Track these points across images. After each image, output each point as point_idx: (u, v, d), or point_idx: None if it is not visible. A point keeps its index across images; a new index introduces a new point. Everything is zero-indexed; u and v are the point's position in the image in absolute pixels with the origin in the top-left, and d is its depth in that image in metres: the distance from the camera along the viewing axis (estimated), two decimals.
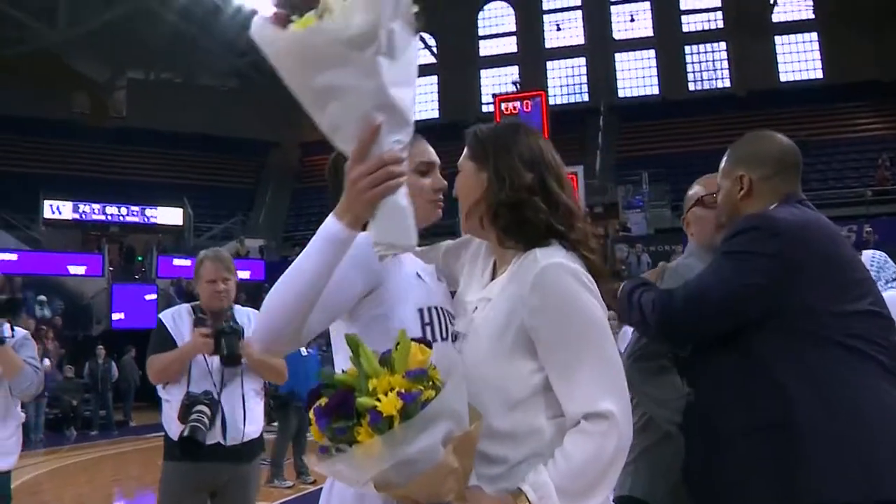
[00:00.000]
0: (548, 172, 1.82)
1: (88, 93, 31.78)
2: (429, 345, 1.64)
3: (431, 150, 2.08)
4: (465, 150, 1.90)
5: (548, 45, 34.68)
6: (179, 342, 3.83)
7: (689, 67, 33.30)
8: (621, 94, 33.40)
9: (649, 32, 33.79)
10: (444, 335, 1.93)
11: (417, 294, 1.91)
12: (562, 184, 1.84)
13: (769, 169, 2.29)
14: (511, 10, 35.20)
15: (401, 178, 1.61)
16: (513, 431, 1.72)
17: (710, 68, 33.15)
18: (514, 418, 1.72)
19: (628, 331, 3.16)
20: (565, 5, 34.70)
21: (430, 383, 1.57)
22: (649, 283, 2.40)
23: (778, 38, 32.31)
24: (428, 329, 1.90)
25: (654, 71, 33.59)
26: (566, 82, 34.31)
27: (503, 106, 20.33)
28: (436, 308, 1.96)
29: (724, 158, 2.40)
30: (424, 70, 35.75)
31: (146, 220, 26.35)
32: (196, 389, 3.75)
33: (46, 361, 16.60)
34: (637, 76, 33.79)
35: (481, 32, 35.52)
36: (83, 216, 25.35)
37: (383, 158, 1.57)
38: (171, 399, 3.81)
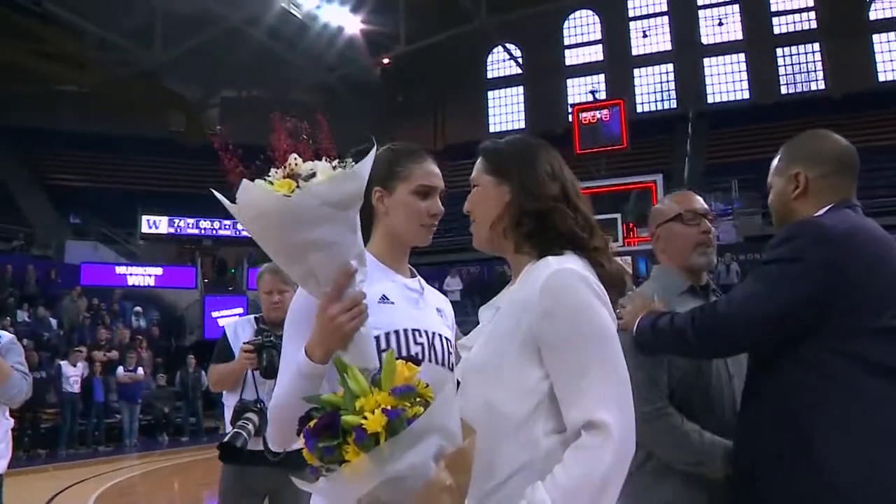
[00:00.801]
0: (569, 185, 1.86)
1: (183, 111, 32.94)
2: (417, 362, 1.65)
3: (438, 172, 2.11)
4: (480, 164, 1.92)
5: (634, 52, 34.21)
6: (237, 352, 3.96)
7: (782, 70, 32.29)
8: (710, 99, 32.68)
9: (739, 36, 32.95)
10: (417, 356, 1.92)
11: (375, 320, 1.88)
12: (580, 196, 1.87)
13: (828, 167, 2.20)
14: (596, 18, 34.86)
15: (366, 313, 1.79)
16: (512, 442, 1.71)
17: (803, 70, 32.10)
18: (516, 429, 1.71)
19: None
20: (651, 11, 34.17)
21: (418, 400, 1.58)
22: (666, 312, 2.34)
23: (875, 37, 30.94)
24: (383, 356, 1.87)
25: (745, 75, 32.72)
26: (653, 89, 33.79)
27: (581, 116, 20.04)
28: (403, 331, 1.97)
29: (778, 156, 2.32)
30: (510, 81, 35.91)
31: (238, 233, 27.04)
32: (249, 397, 3.87)
33: (140, 370, 17.28)
34: (726, 81, 32.99)
35: (567, 41, 35.27)
36: (178, 230, 26.26)
37: (356, 298, 1.77)
38: (228, 405, 3.99)
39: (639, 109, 32.96)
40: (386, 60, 31.56)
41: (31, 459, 14.85)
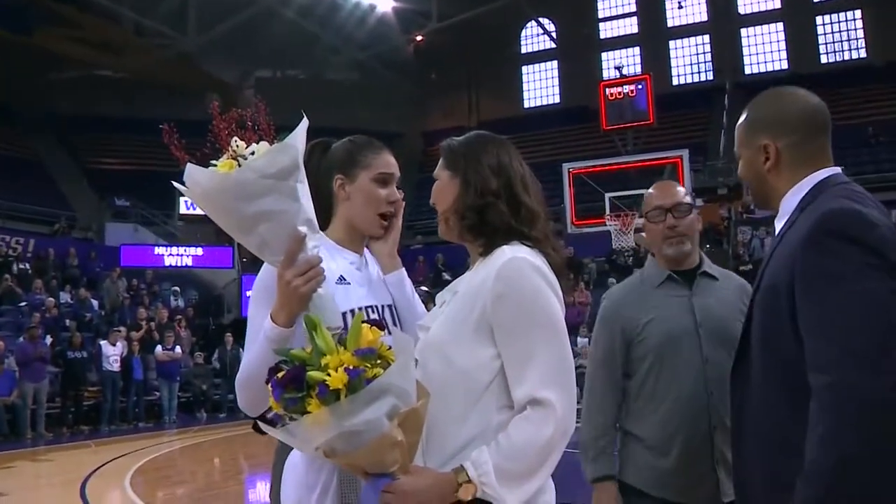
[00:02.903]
0: (514, 178, 1.95)
1: (219, 93, 33.20)
2: (381, 327, 1.76)
3: (394, 161, 2.25)
4: (441, 159, 2.04)
5: (669, 23, 33.64)
6: None
7: (821, 39, 31.55)
8: (747, 70, 32.03)
9: (776, 4, 32.23)
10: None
11: (336, 299, 2.00)
12: (527, 187, 1.97)
13: (799, 134, 1.94)
14: None
15: (322, 275, 1.90)
16: (466, 416, 1.82)
17: (843, 38, 31.38)
18: (470, 404, 1.82)
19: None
20: None
21: (379, 362, 1.68)
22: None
23: None
24: (349, 319, 1.96)
25: (783, 45, 32.01)
26: (689, 61, 33.30)
27: (608, 92, 19.84)
28: (359, 308, 2.05)
29: (741, 123, 2.07)
30: (544, 56, 35.60)
31: None
32: None
33: (178, 349, 17.64)
34: (764, 51, 32.34)
35: (601, 14, 34.75)
36: None
37: (311, 261, 1.88)
38: None
39: (674, 82, 32.55)
40: (419, 38, 31.49)
41: (74, 436, 15.28)
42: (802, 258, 1.75)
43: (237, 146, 1.89)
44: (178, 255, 23.91)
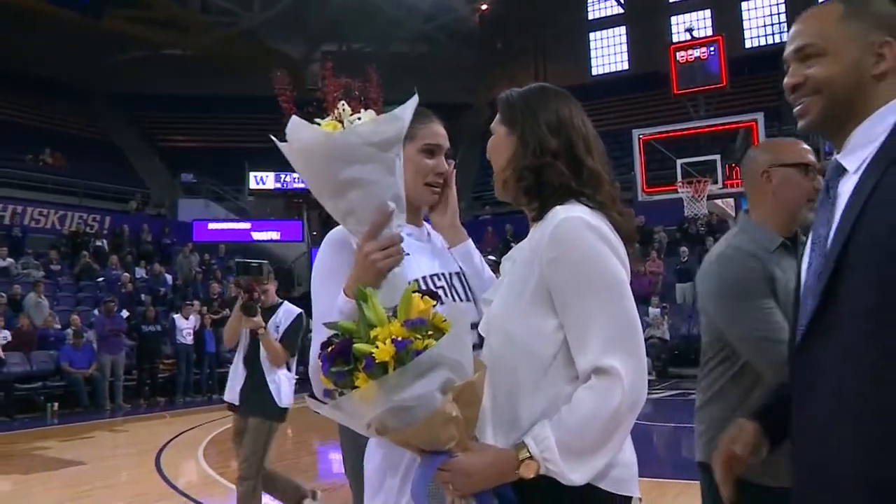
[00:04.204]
0: (575, 137, 1.83)
1: (286, 68, 33.46)
2: (434, 296, 1.68)
3: (443, 132, 2.18)
4: (497, 114, 1.93)
5: None
6: None
7: None
8: None
9: None
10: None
11: None
12: (589, 148, 1.84)
13: None
14: None
15: (402, 254, 1.86)
16: (534, 391, 1.71)
17: None
18: (538, 378, 1.71)
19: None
20: None
21: (430, 333, 1.60)
22: None
23: None
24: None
25: None
26: (763, 22, 32.23)
27: (678, 55, 19.25)
28: (422, 278, 2.01)
29: (826, 9, 1.67)
30: (612, 21, 34.90)
31: None
32: None
33: None
34: None
35: None
36: (284, 185, 26.85)
37: (393, 237, 1.84)
38: None
39: (747, 45, 31.55)
40: (484, 7, 31.17)
41: (151, 407, 15.70)
42: None
43: (343, 110, 1.85)
44: (248, 229, 24.26)
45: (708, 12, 32.67)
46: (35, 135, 25.13)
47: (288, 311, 5.79)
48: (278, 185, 26.85)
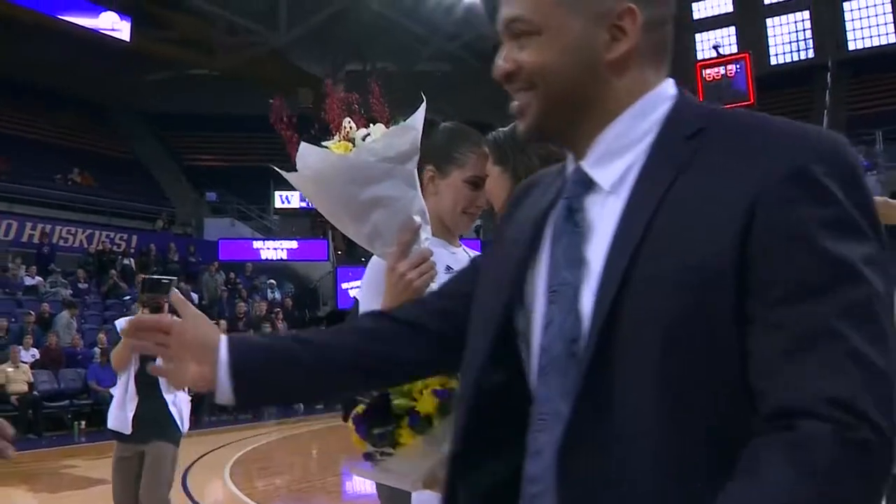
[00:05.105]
0: None
1: (311, 88, 33.68)
2: None
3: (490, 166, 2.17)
4: (489, 158, 1.94)
5: (766, 0, 32.49)
6: None
7: None
8: (851, 46, 30.58)
9: None
10: None
11: None
12: None
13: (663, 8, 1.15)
14: None
15: (435, 268, 1.79)
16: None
17: None
18: None
19: None
20: None
21: None
22: None
23: None
24: None
25: (891, 17, 30.44)
26: (788, 39, 32.03)
27: (704, 73, 19.21)
28: None
29: None
30: None
31: None
32: None
33: None
34: (869, 24, 30.74)
35: None
36: (310, 204, 26.54)
37: (424, 253, 1.76)
38: None
39: (772, 62, 31.36)
40: None
41: None
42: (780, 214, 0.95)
43: (350, 128, 1.81)
44: (273, 248, 24.38)
45: (733, 29, 32.55)
46: (65, 154, 25.39)
47: None
48: (303, 204, 26.86)
